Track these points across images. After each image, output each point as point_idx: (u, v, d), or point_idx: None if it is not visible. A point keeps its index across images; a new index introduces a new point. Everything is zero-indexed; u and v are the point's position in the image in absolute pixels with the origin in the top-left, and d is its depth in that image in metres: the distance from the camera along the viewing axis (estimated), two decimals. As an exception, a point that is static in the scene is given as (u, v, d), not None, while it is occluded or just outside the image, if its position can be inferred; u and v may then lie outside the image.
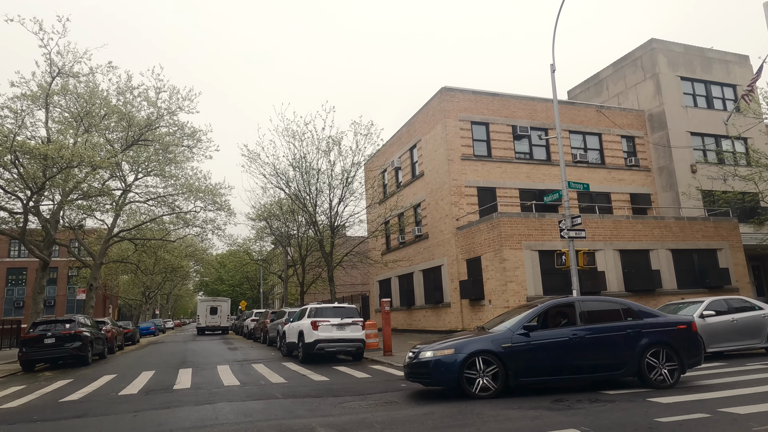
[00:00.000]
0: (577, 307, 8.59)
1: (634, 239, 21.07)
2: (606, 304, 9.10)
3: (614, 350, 8.21)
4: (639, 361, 8.13)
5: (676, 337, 8.38)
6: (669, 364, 8.21)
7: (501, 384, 7.86)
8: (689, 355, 8.36)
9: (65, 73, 20.24)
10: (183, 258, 40.46)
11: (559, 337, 8.19)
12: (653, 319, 8.54)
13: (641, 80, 26.77)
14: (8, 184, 19.57)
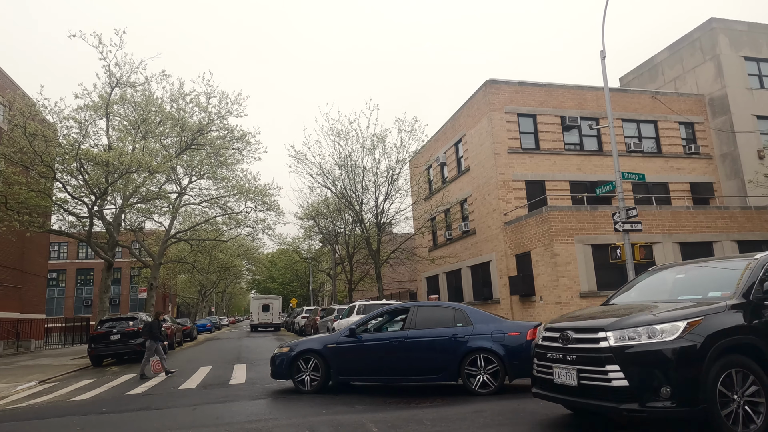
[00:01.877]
0: (411, 312, 8.89)
1: (695, 231, 19.98)
2: (441, 310, 8.96)
3: (434, 355, 8.31)
4: (458, 366, 8.14)
5: (504, 344, 8.13)
6: (491, 368, 8.05)
7: (322, 380, 8.71)
8: (518, 362, 7.96)
9: (123, 83, 21.29)
10: (236, 257, 41.82)
11: (381, 340, 8.61)
12: (483, 326, 8.40)
13: (700, 63, 25.31)
14: (75, 190, 20.81)
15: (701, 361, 4.59)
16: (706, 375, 4.58)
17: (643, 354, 4.69)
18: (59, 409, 8.79)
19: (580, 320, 5.50)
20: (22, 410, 8.94)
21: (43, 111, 19.56)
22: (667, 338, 4.69)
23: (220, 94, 23.69)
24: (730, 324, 4.84)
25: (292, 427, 6.20)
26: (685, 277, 6.14)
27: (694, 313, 4.87)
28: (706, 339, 4.66)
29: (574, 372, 5.12)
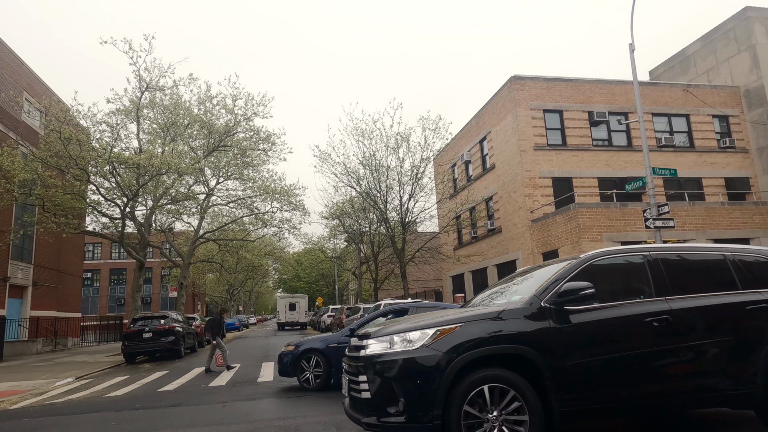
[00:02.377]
0: (410, 312, 9.10)
1: (731, 227, 19.35)
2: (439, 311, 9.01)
3: None
4: None
5: None
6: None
7: (324, 378, 8.90)
8: None
9: (152, 88, 21.79)
10: (262, 257, 42.38)
11: None
12: None
13: (735, 53, 24.47)
14: (108, 192, 21.42)
15: (440, 374, 4.09)
16: (446, 389, 4.07)
17: (384, 363, 4.28)
18: (95, 404, 9.07)
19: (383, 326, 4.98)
20: (60, 405, 9.26)
21: (77, 116, 20.18)
22: (410, 347, 4.26)
23: (246, 96, 24.02)
24: (490, 333, 4.26)
25: (319, 425, 6.25)
26: (531, 278, 5.39)
27: (452, 320, 4.38)
28: (451, 349, 4.16)
29: (346, 382, 4.88)
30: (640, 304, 4.70)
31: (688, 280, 4.94)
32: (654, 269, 4.89)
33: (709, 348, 4.60)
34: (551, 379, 4.22)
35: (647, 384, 4.43)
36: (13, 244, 23.93)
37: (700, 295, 4.81)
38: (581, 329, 4.45)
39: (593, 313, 4.54)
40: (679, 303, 4.70)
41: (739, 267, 5.08)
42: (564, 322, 4.43)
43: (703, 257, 5.20)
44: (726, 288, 4.92)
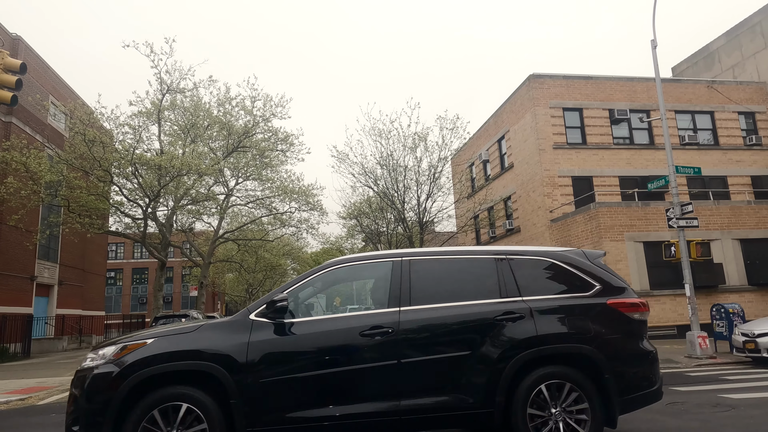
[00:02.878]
0: None
1: (757, 227, 18.87)
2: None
3: None
4: None
5: None
6: None
7: None
8: None
9: (173, 90, 22.14)
10: (281, 257, 42.69)
11: None
12: None
13: (761, 48, 23.85)
14: (130, 193, 21.83)
15: (112, 391, 3.85)
16: (118, 407, 3.81)
17: (78, 378, 4.11)
18: (119, 401, 9.23)
19: None
20: (85, 402, 9.45)
21: (100, 118, 20.61)
22: (99, 362, 4.04)
23: (264, 97, 24.23)
24: (176, 348, 3.98)
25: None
26: None
27: (147, 335, 4.13)
28: (130, 365, 3.90)
29: None
30: (362, 317, 4.31)
31: (438, 288, 4.50)
32: (396, 277, 4.47)
33: (440, 364, 4.18)
34: (237, 397, 3.89)
35: (357, 403, 4.03)
36: (40, 244, 24.55)
37: (437, 306, 4.36)
38: (281, 344, 4.09)
39: (303, 326, 4.18)
40: (411, 315, 4.28)
41: (508, 273, 4.58)
42: (268, 335, 4.10)
43: (464, 263, 4.66)
44: (487, 296, 4.45)
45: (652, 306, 17.28)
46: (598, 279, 4.69)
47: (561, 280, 4.65)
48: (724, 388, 8.16)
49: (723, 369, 10.64)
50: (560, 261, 4.72)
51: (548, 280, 4.63)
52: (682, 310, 16.99)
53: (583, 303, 4.51)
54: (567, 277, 4.65)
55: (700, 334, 12.19)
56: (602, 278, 4.70)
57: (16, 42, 23.62)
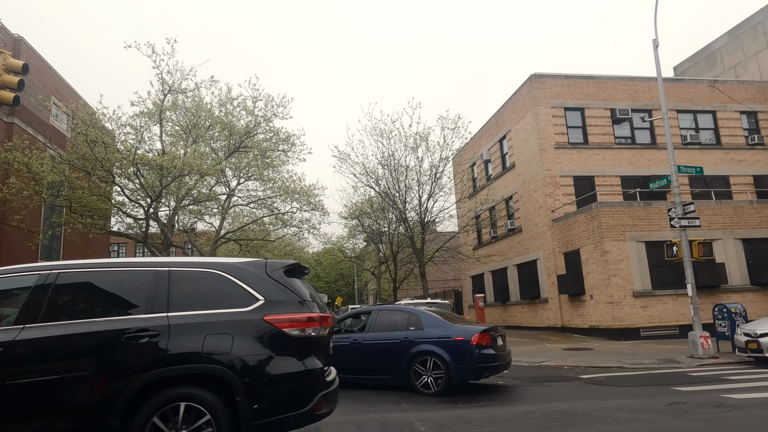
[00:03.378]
0: (372, 316, 9.43)
1: (760, 226, 18.83)
2: (397, 314, 9.34)
3: (387, 356, 8.75)
4: (407, 368, 8.47)
5: (449, 348, 8.29)
6: (437, 371, 8.26)
7: None
8: (462, 366, 8.18)
9: (175, 90, 22.16)
10: (283, 257, 42.69)
11: (344, 341, 9.12)
12: (432, 330, 8.60)
13: (763, 47, 23.80)
14: (132, 193, 21.86)
15: None
16: None
17: None
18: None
19: None
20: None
21: (102, 119, 20.64)
22: None
23: (266, 97, 24.22)
24: None
25: (339, 425, 6.27)
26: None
27: None
28: None
29: None
30: None
31: (83, 303, 4.36)
32: (38, 291, 4.27)
33: (51, 386, 3.94)
34: None
35: None
36: (42, 245, 24.60)
37: (65, 323, 4.15)
38: None
39: None
40: (33, 333, 4.08)
41: (163, 286, 4.32)
42: None
43: (120, 275, 4.42)
44: (136, 311, 4.22)
45: (654, 306, 17.26)
46: (265, 293, 4.41)
47: (222, 294, 4.37)
48: (726, 388, 8.15)
49: (725, 369, 10.62)
50: (227, 273, 4.45)
51: (207, 294, 4.36)
52: (684, 310, 16.96)
53: (234, 319, 4.25)
54: (231, 290, 4.38)
55: (703, 334, 12.17)
56: (269, 292, 4.42)
57: (18, 43, 23.66)
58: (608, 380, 9.56)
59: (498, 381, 9.64)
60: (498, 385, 9.26)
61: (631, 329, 16.94)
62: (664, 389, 8.25)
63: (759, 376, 9.29)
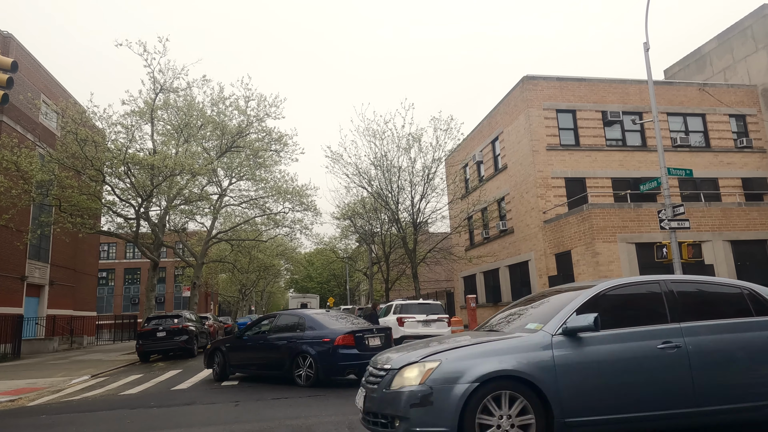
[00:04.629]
0: (275, 320, 10.88)
1: (748, 228, 19.05)
2: (291, 317, 10.70)
3: (278, 354, 10.13)
4: (291, 364, 9.80)
5: (317, 348, 9.54)
6: (308, 370, 9.57)
7: (221, 371, 11.22)
8: (326, 364, 9.40)
9: (167, 89, 22.02)
10: (274, 257, 42.55)
11: (252, 341, 10.88)
12: (311, 332, 9.89)
13: (752, 52, 24.09)
14: (123, 192, 21.68)
15: None
16: None
17: None
18: (110, 402, 9.18)
19: None
20: (76, 403, 9.39)
21: (92, 117, 20.45)
22: None
23: (259, 97, 24.15)
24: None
25: (332, 425, 6.26)
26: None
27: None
28: None
29: None
30: None
31: None
32: None
33: None
34: None
35: None
36: (31, 244, 24.33)
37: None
38: None
39: None
40: None
41: None
42: None
43: None
44: None
45: (644, 307, 17.39)
46: None
47: None
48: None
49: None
50: None
51: None
52: (673, 311, 17.09)
53: None
54: None
55: (692, 334, 12.28)
56: None
57: (7, 40, 23.40)
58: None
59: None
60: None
61: (622, 330, 17.03)
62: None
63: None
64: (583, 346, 4.50)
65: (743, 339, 4.81)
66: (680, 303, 4.91)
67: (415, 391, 4.24)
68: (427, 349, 4.62)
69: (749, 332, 4.85)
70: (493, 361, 4.27)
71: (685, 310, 4.88)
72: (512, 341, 4.51)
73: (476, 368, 4.22)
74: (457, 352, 4.41)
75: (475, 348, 4.45)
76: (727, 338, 4.78)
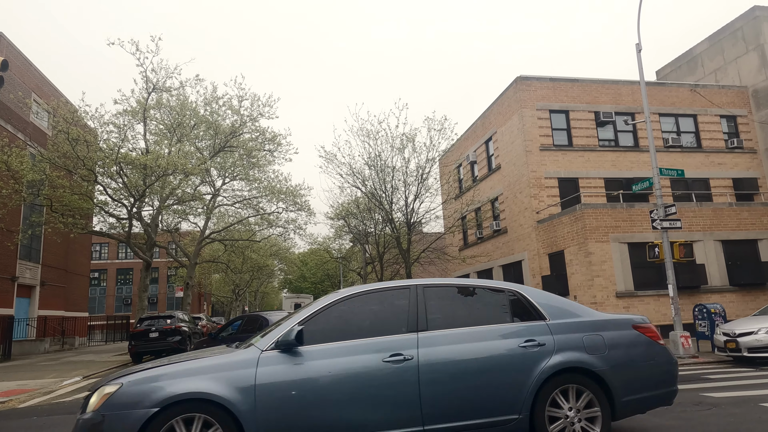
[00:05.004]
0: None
1: (738, 228, 19.21)
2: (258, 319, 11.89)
3: None
4: None
5: None
6: None
7: None
8: None
9: (159, 89, 21.89)
10: (268, 257, 42.47)
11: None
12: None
13: (743, 53, 24.30)
14: (115, 192, 21.55)
15: None
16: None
17: None
18: (102, 403, 9.11)
19: None
20: (68, 404, 9.32)
21: (84, 117, 20.31)
22: None
23: (252, 96, 24.09)
24: None
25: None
26: None
27: None
28: None
29: None
30: None
31: None
32: None
33: None
34: None
35: None
36: (22, 244, 24.12)
37: None
38: None
39: None
40: None
41: None
42: None
43: None
44: None
45: (636, 306, 17.51)
46: None
47: None
48: (705, 386, 8.29)
49: (705, 368, 10.81)
50: None
51: None
52: (665, 311, 17.24)
53: None
54: None
55: (683, 333, 12.38)
56: None
57: (-2, 38, 23.18)
58: (591, 380, 9.65)
59: None
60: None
61: (614, 329, 17.12)
62: (645, 388, 8.37)
63: (738, 375, 9.48)
64: (296, 362, 4.07)
65: (485, 349, 4.36)
66: (430, 310, 4.53)
67: (87, 419, 3.76)
68: (143, 366, 4.23)
69: (494, 341, 4.42)
70: (186, 382, 3.86)
71: (433, 318, 4.50)
72: (220, 358, 4.08)
73: (160, 391, 3.80)
74: (147, 372, 3.97)
75: (174, 367, 4.01)
76: (467, 348, 4.33)
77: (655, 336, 4.88)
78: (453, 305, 4.67)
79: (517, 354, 4.36)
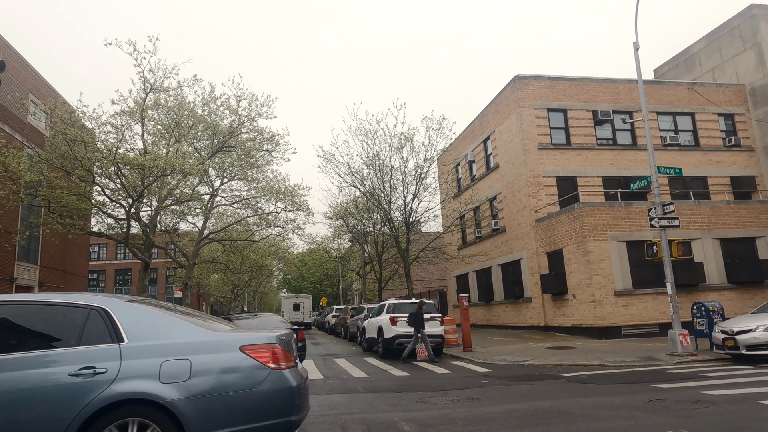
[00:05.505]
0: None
1: (736, 226, 19.25)
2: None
3: None
4: None
5: None
6: None
7: None
8: None
9: (157, 89, 21.83)
10: (267, 257, 42.41)
11: None
12: None
13: (740, 51, 24.34)
14: (113, 193, 21.49)
15: None
16: None
17: None
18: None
19: None
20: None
21: (82, 117, 20.26)
22: None
23: (250, 96, 24.01)
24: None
25: (324, 425, 6.26)
26: None
27: None
28: None
29: None
30: None
31: None
32: None
33: None
34: None
35: None
36: (20, 245, 24.07)
37: None
38: None
39: None
40: None
41: None
42: None
43: None
44: None
45: (634, 305, 17.54)
46: None
47: None
48: (704, 384, 8.31)
49: (703, 366, 10.84)
50: None
51: None
52: (663, 309, 17.26)
53: None
54: None
55: (681, 332, 12.40)
56: None
57: (-5, 39, 23.12)
58: (590, 378, 9.69)
59: (482, 381, 9.70)
60: (482, 384, 9.32)
61: (613, 328, 17.19)
62: (644, 386, 8.39)
63: (736, 373, 9.50)
64: None
65: (24, 379, 3.82)
66: None
67: None
68: None
69: (37, 369, 3.86)
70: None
71: None
72: None
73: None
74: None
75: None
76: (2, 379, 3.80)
77: (267, 359, 4.15)
78: (13, 327, 4.15)
79: (61, 384, 3.78)
